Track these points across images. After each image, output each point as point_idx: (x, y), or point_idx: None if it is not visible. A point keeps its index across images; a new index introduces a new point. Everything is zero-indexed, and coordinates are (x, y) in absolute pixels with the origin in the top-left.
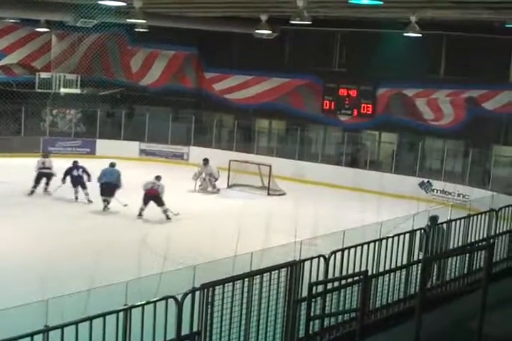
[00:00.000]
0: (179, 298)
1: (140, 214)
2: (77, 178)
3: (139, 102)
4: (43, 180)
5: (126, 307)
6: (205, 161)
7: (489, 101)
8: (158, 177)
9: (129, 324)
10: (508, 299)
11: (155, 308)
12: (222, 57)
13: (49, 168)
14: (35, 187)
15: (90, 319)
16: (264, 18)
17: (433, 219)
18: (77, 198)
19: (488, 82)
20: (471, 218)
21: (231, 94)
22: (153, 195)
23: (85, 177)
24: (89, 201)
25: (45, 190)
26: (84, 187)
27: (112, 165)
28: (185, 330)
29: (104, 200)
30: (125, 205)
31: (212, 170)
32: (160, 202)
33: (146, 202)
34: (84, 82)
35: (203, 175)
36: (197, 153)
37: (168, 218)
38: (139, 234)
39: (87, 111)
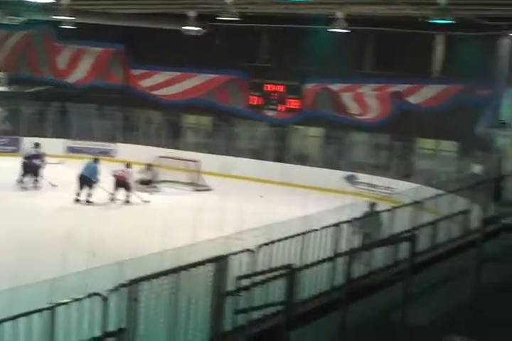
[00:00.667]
0: (105, 294)
1: (112, 199)
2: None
3: (66, 99)
4: None
5: (51, 305)
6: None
7: (413, 95)
8: (128, 165)
9: (54, 322)
10: (430, 289)
11: (80, 306)
12: (149, 53)
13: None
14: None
15: (15, 318)
16: (192, 14)
17: (372, 205)
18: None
19: (412, 76)
20: (396, 210)
21: (159, 91)
22: (122, 181)
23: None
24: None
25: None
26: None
27: (95, 160)
28: (111, 327)
29: (77, 193)
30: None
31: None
32: (128, 187)
33: (116, 187)
34: (11, 79)
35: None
36: (124, 149)
37: (127, 202)
38: (65, 230)
39: (14, 108)
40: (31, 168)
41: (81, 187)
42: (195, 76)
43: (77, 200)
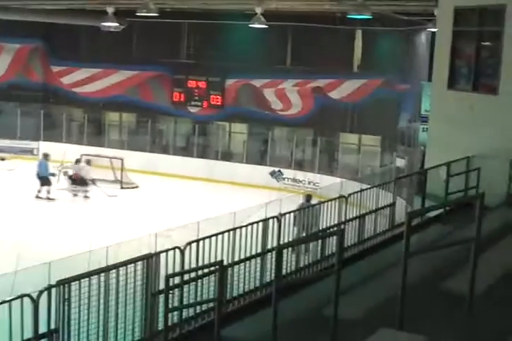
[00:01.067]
0: (35, 296)
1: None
2: None
3: None
4: None
5: None
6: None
7: (335, 90)
8: (78, 161)
9: None
10: (359, 282)
11: (10, 308)
12: (69, 50)
13: None
14: None
15: None
16: (110, 10)
17: (308, 196)
18: None
19: (333, 71)
20: (322, 205)
21: (80, 88)
22: (78, 178)
23: None
24: None
25: None
26: None
27: (44, 156)
28: (43, 328)
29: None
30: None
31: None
32: (85, 183)
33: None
34: None
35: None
36: (47, 148)
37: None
38: None
39: None
40: None
41: (41, 184)
42: (116, 72)
43: (38, 197)
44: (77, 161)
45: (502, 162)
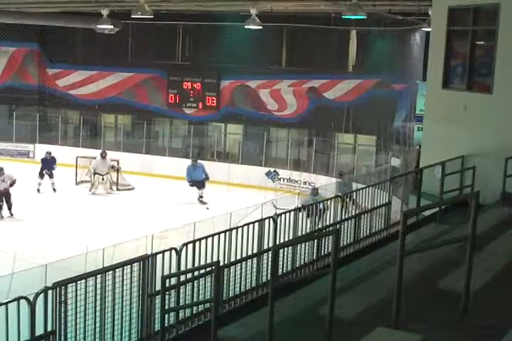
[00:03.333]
0: (31, 298)
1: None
2: None
3: None
4: None
5: None
6: (104, 154)
7: (330, 90)
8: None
9: None
10: (355, 282)
11: (7, 310)
12: (64, 52)
13: None
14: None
15: None
16: (105, 12)
17: (314, 190)
18: None
19: (328, 71)
20: (318, 205)
21: (75, 90)
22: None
23: None
24: None
25: None
26: None
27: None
28: (39, 330)
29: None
30: None
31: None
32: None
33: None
34: None
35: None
36: (43, 150)
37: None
38: None
39: None
40: None
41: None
42: (111, 74)
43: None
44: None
45: (497, 161)
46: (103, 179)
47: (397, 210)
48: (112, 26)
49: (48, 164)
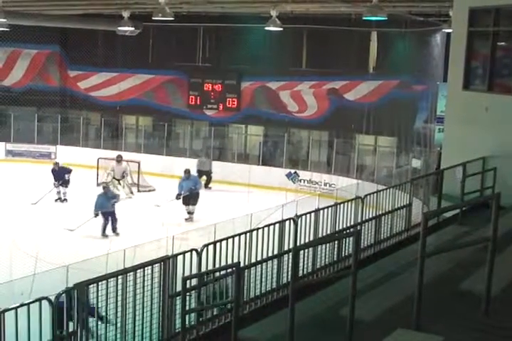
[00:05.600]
0: (53, 298)
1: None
2: None
3: (3, 102)
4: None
5: None
6: (119, 158)
7: (351, 91)
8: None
9: (2, 327)
10: (376, 283)
11: (29, 310)
12: (86, 54)
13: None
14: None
15: None
16: (126, 15)
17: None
18: None
19: (348, 73)
20: (338, 206)
21: (97, 92)
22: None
23: None
24: None
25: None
26: None
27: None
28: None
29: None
30: None
31: (127, 169)
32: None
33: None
34: None
35: (113, 174)
36: (64, 152)
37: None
38: (8, 235)
39: None
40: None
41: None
42: (132, 76)
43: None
44: (120, 158)
45: None
46: (119, 183)
47: (417, 212)
48: (133, 28)
49: (58, 174)
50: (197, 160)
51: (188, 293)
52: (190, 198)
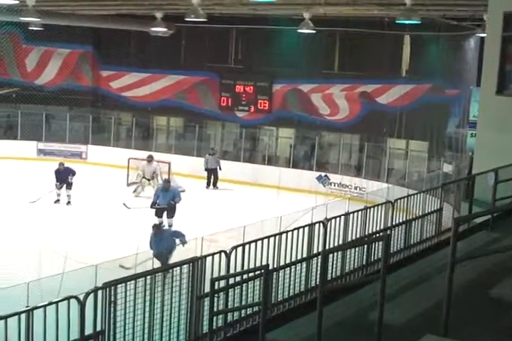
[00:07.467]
0: (81, 297)
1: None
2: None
3: (36, 101)
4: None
5: (28, 308)
6: (150, 158)
7: (383, 95)
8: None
9: (31, 325)
10: (405, 288)
11: (57, 309)
12: (118, 54)
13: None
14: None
15: None
16: (159, 15)
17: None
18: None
19: (381, 76)
20: (368, 210)
21: (128, 92)
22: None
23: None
24: None
25: None
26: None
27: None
28: (88, 330)
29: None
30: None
31: (157, 169)
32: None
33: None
34: None
35: (143, 174)
36: (96, 151)
37: None
38: (38, 234)
39: None
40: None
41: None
42: (164, 77)
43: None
44: (150, 158)
45: None
46: (150, 183)
47: (448, 217)
48: (166, 29)
49: (62, 175)
50: (204, 158)
51: (216, 295)
52: (166, 211)
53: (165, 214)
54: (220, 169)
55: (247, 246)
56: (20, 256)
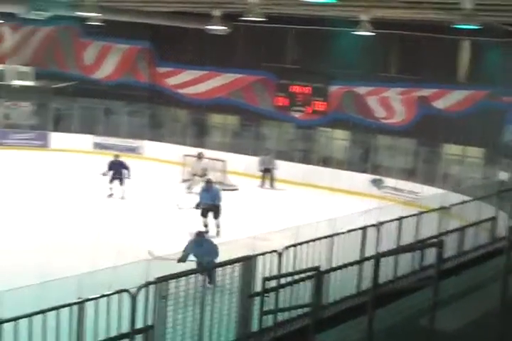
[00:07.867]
0: (133, 291)
1: None
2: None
3: (93, 95)
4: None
5: (79, 300)
6: (200, 155)
7: (440, 99)
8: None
9: (82, 317)
10: (457, 295)
11: (109, 302)
12: (175, 51)
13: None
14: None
15: (44, 312)
16: (216, 13)
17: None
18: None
19: (438, 81)
20: (422, 215)
21: (184, 89)
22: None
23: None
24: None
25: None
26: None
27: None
28: (139, 324)
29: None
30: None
31: (207, 166)
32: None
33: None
34: (38, 74)
35: (193, 171)
36: (151, 147)
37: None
38: (93, 228)
39: (41, 103)
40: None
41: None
42: (220, 75)
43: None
44: (200, 155)
45: None
46: (201, 181)
47: (503, 225)
48: (223, 27)
49: (115, 167)
50: (258, 158)
51: (267, 294)
52: (210, 211)
53: (211, 215)
54: (275, 168)
55: (299, 247)
56: (74, 248)
